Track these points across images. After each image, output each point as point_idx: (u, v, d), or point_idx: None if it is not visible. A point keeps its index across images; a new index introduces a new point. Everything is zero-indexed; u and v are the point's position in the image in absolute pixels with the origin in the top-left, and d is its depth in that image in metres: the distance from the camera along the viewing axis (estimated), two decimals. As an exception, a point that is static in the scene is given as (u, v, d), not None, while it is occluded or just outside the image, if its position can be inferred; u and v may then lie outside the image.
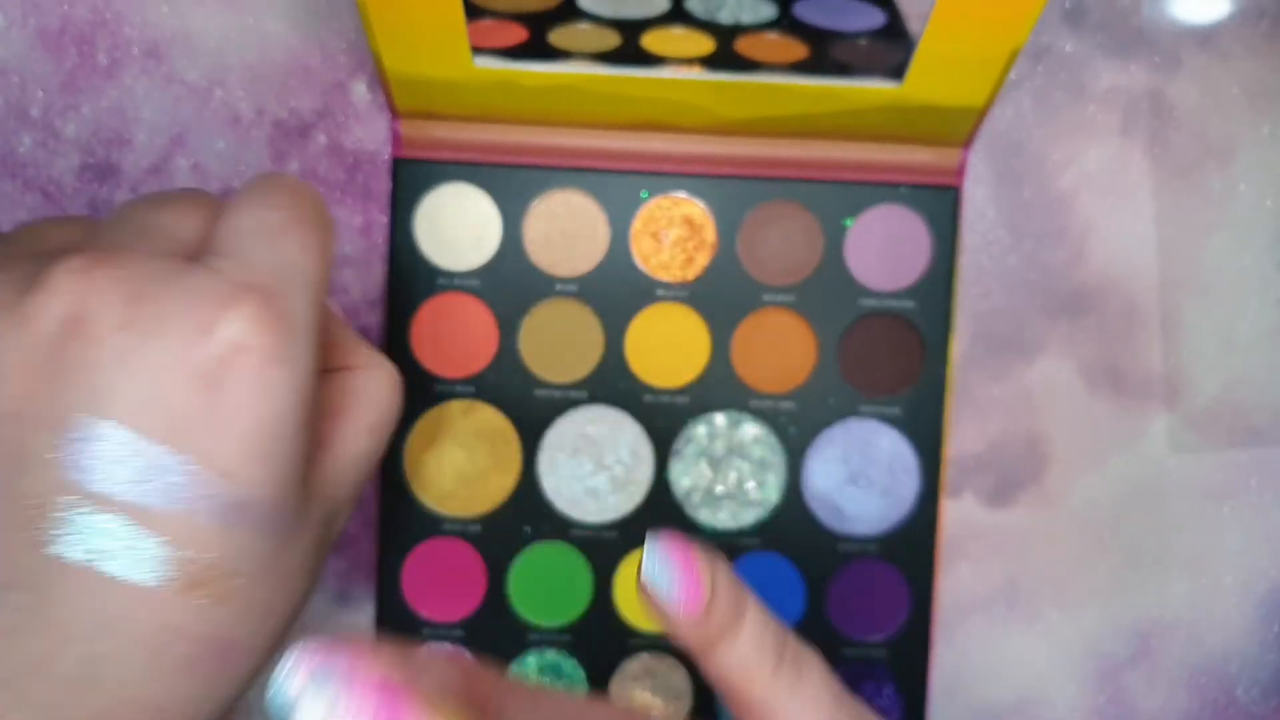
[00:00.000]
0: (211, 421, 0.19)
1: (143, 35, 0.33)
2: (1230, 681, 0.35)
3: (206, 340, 0.19)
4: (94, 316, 0.19)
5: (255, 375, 0.19)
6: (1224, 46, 0.34)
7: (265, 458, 0.19)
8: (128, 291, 0.19)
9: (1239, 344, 0.35)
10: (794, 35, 0.31)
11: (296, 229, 0.21)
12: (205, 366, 0.19)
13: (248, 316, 0.19)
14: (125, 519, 0.18)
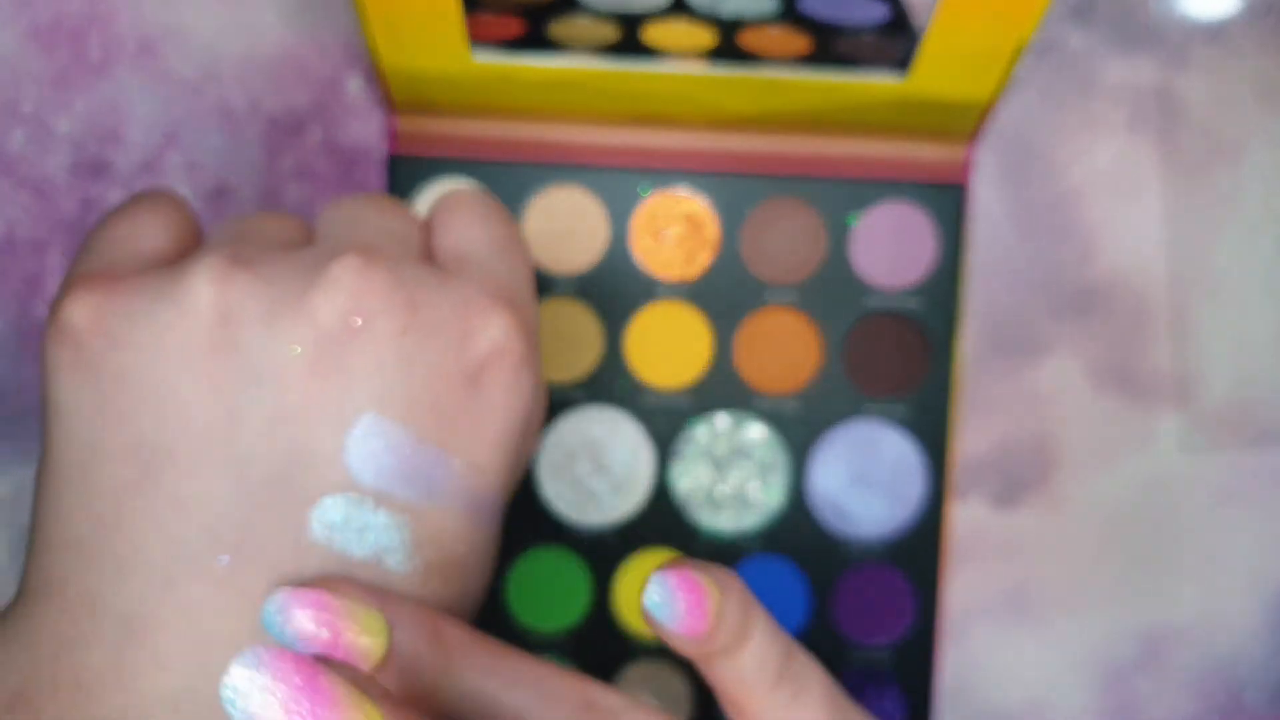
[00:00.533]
0: (472, 420, 0.20)
1: (136, 30, 0.33)
2: (1239, 686, 0.35)
3: (472, 343, 0.20)
4: (377, 317, 0.20)
5: (510, 377, 0.21)
6: (1234, 42, 0.34)
7: (507, 454, 0.21)
8: (405, 296, 0.20)
9: (1249, 343, 0.35)
10: (798, 28, 0.32)
11: (517, 245, 0.23)
12: (470, 368, 0.20)
13: (505, 323, 0.21)
14: (396, 514, 0.19)
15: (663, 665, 0.34)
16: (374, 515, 0.19)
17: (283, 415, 0.19)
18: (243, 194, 0.33)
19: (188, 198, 0.33)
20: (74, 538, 0.19)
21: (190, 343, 0.19)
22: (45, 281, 0.33)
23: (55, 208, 0.33)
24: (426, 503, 0.20)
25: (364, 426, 0.19)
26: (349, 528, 0.19)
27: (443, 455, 0.20)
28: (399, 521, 0.19)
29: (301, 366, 0.19)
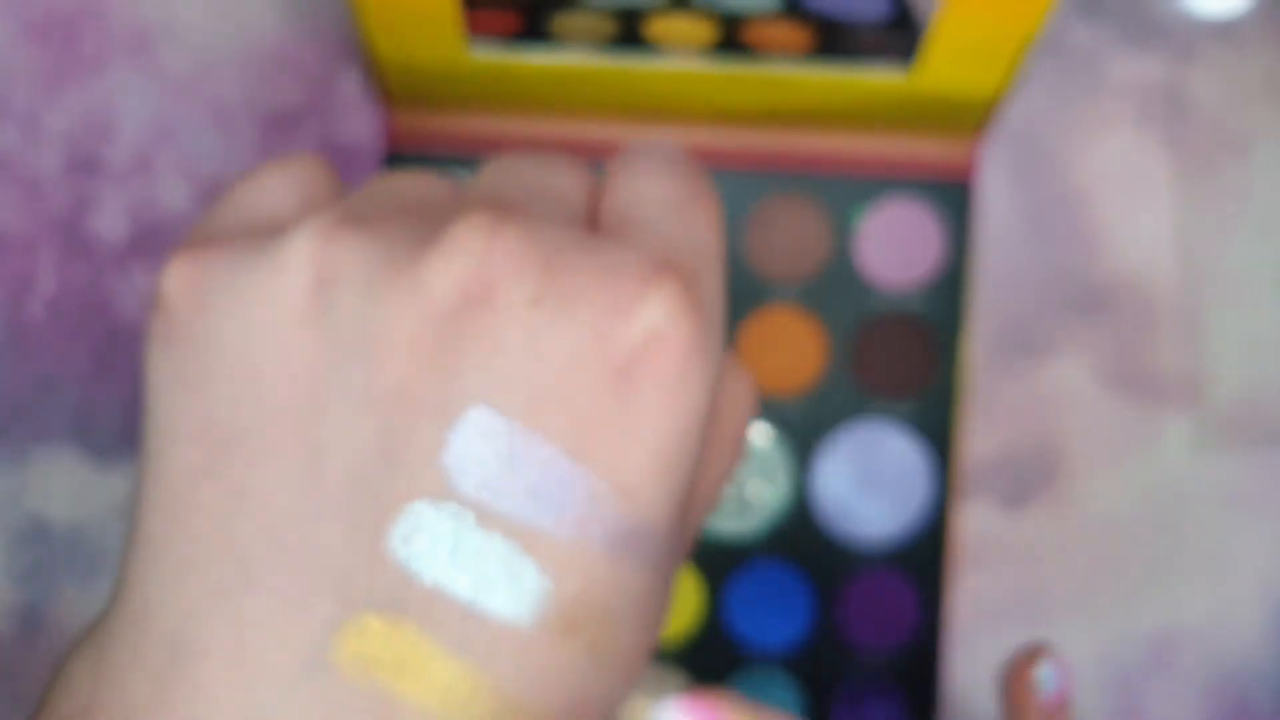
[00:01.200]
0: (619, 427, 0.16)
1: (129, 26, 0.33)
2: (1247, 690, 0.35)
3: (624, 324, 0.16)
4: (500, 286, 0.16)
5: (673, 372, 0.16)
6: (1241, 38, 0.34)
7: (669, 473, 0.16)
8: (539, 260, 0.16)
9: (1260, 343, 0.34)
10: (801, 23, 0.32)
11: (705, 202, 0.18)
12: (619, 358, 0.16)
13: (669, 300, 0.16)
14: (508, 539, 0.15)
15: (663, 667, 0.34)
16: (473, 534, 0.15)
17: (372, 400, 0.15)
18: (237, 191, 0.33)
19: (181, 197, 0.33)
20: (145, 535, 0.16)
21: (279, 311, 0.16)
22: (37, 280, 0.33)
23: (47, 205, 0.33)
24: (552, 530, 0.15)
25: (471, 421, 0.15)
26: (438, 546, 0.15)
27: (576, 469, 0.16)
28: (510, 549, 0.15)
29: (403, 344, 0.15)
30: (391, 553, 0.15)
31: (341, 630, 0.15)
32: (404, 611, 0.15)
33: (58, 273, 0.33)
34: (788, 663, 0.34)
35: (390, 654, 0.15)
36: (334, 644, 0.15)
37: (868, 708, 0.34)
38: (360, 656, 0.15)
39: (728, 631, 0.34)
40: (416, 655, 0.15)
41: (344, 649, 0.15)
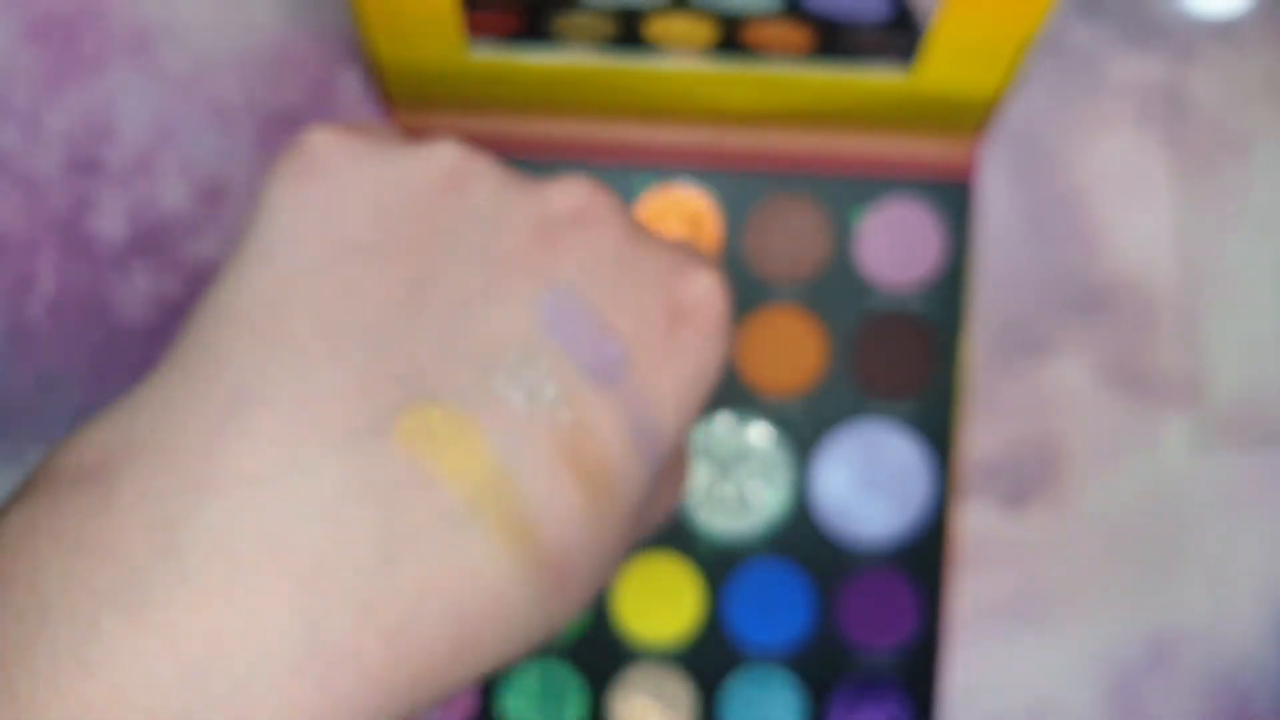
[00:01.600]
0: (663, 351, 0.20)
1: (129, 26, 0.33)
2: (1247, 690, 0.35)
3: (682, 285, 0.21)
4: (604, 218, 0.20)
5: (711, 329, 0.21)
6: (1241, 38, 0.34)
7: (684, 404, 0.20)
8: (628, 220, 0.21)
9: (1259, 343, 0.35)
10: (801, 22, 0.32)
11: None
12: (678, 304, 0.20)
13: (713, 284, 0.21)
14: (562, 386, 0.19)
15: (663, 668, 0.34)
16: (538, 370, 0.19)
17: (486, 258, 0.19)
18: (237, 191, 0.33)
19: (181, 198, 0.33)
20: (227, 308, 0.18)
21: (422, 179, 0.20)
22: (37, 280, 0.33)
23: (47, 206, 0.33)
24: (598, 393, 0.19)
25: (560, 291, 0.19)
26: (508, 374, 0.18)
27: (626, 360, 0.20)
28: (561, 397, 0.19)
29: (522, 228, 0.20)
30: (470, 363, 0.18)
31: (406, 410, 0.17)
32: (466, 408, 0.18)
33: (58, 272, 0.33)
34: (788, 662, 0.34)
35: (443, 439, 0.17)
36: (396, 420, 0.17)
37: (867, 707, 0.34)
38: (416, 435, 0.17)
39: (728, 631, 0.34)
40: (469, 445, 0.17)
41: (404, 426, 0.17)
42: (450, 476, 0.17)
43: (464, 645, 0.17)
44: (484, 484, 0.17)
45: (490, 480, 0.17)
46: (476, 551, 0.17)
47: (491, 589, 0.17)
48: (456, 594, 0.17)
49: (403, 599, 0.16)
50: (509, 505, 0.18)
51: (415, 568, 0.17)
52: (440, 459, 0.17)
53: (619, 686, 0.34)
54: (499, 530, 0.17)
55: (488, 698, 0.34)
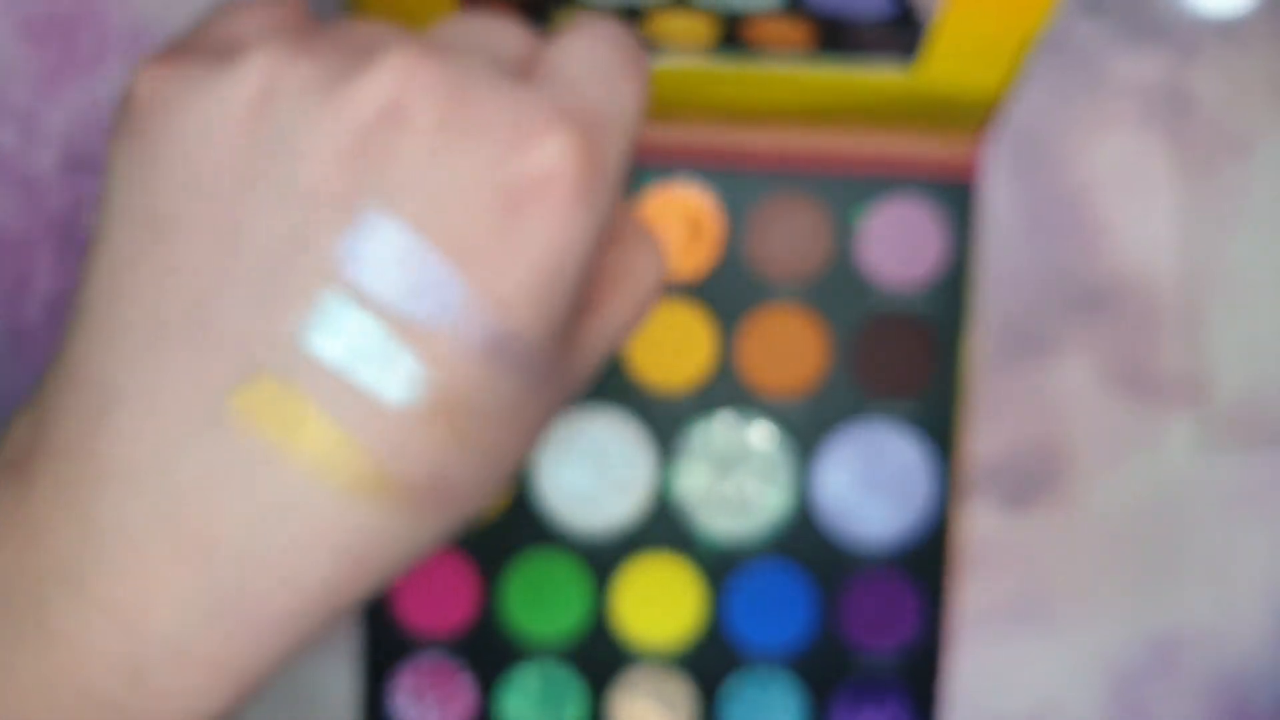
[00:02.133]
0: (502, 246, 0.18)
1: (127, 25, 0.33)
2: (1250, 692, 0.35)
3: (520, 158, 0.18)
4: (413, 108, 0.18)
5: (558, 207, 0.18)
6: (1244, 36, 0.34)
7: (543, 296, 0.19)
8: (453, 91, 0.18)
9: (1263, 342, 0.34)
10: (802, 20, 0.32)
11: (627, 70, 0.20)
12: (511, 187, 0.18)
13: (566, 145, 0.18)
14: (389, 327, 0.18)
15: (664, 670, 0.34)
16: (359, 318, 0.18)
17: (290, 196, 0.18)
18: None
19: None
20: (85, 306, 0.19)
21: (224, 114, 0.18)
22: (35, 280, 0.33)
23: (45, 205, 0.33)
24: (431, 326, 0.18)
25: (369, 222, 0.18)
26: (327, 325, 0.18)
27: (455, 274, 0.18)
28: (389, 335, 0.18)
29: (324, 150, 0.18)
30: (288, 327, 0.18)
31: (239, 389, 0.18)
32: (292, 378, 0.18)
33: (55, 272, 0.33)
34: (790, 664, 0.34)
35: (277, 412, 0.18)
36: (232, 400, 0.18)
37: (869, 709, 0.34)
38: (251, 412, 0.18)
39: (730, 633, 0.34)
40: (300, 415, 0.18)
41: (240, 405, 0.18)
42: (289, 449, 0.18)
43: (361, 572, 0.19)
44: (323, 449, 0.18)
45: (328, 444, 0.18)
46: (338, 508, 0.18)
47: (364, 528, 0.18)
48: (333, 541, 0.18)
49: (284, 557, 0.18)
50: (353, 463, 0.18)
51: (286, 530, 0.18)
52: (275, 433, 0.18)
53: (619, 688, 0.34)
54: (352, 487, 0.18)
55: (487, 698, 0.34)
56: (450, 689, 0.34)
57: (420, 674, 0.34)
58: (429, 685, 0.34)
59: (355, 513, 0.18)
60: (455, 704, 0.34)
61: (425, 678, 0.34)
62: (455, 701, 0.34)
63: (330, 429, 0.18)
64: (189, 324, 0.18)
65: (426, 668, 0.34)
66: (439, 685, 0.34)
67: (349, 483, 0.18)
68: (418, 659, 0.34)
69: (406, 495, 0.18)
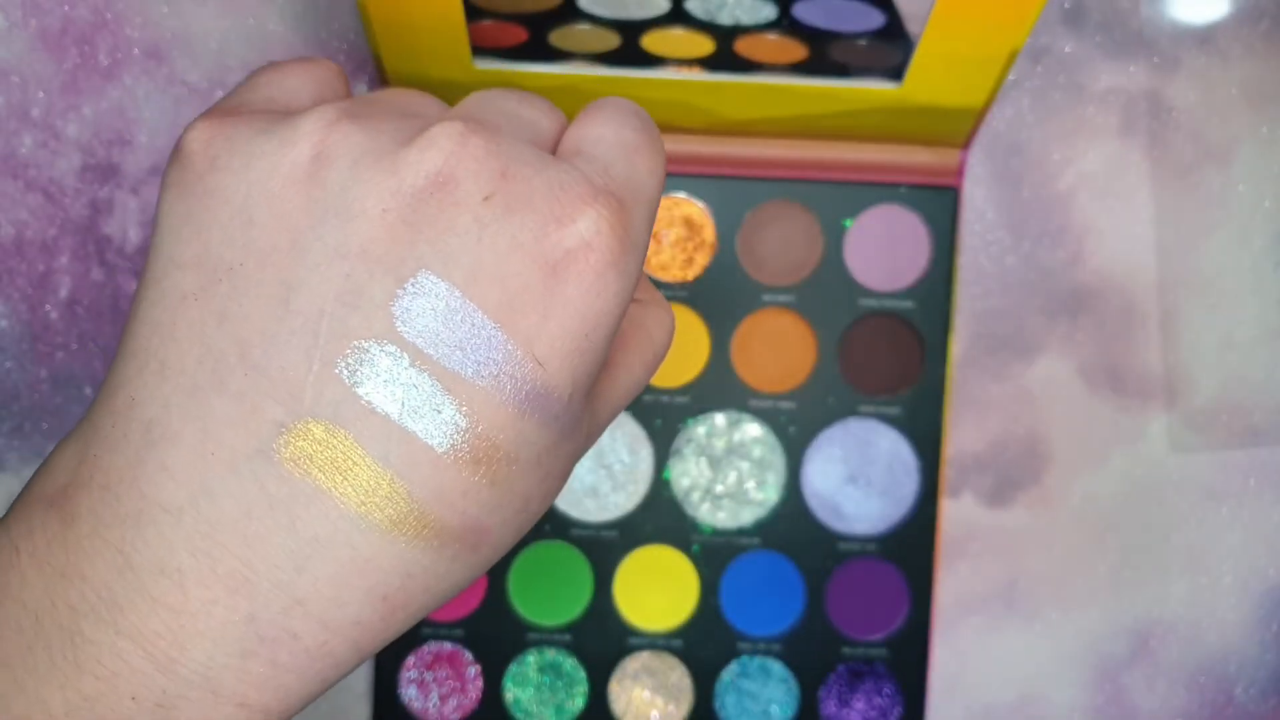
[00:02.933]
0: (543, 309, 0.19)
1: (143, 36, 0.33)
2: (1229, 681, 0.35)
3: (561, 230, 0.19)
4: (463, 179, 0.19)
5: (594, 275, 0.19)
6: (1223, 47, 0.34)
7: (576, 356, 0.19)
8: (500, 166, 0.19)
9: (1238, 344, 0.34)
10: (793, 36, 0.31)
11: (649, 151, 0.21)
12: (552, 255, 0.19)
13: (602, 218, 0.19)
14: (435, 380, 0.19)
15: (663, 658, 0.34)
16: (407, 370, 0.18)
17: (343, 254, 0.19)
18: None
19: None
20: (134, 345, 0.20)
21: (278, 171, 0.19)
22: (54, 283, 0.33)
23: (64, 210, 0.33)
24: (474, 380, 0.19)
25: (419, 282, 0.19)
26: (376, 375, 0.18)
27: (496, 332, 0.19)
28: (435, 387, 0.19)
29: (375, 212, 0.19)
30: (338, 375, 0.18)
31: (289, 431, 0.18)
32: (341, 423, 0.18)
33: (74, 275, 0.33)
34: (781, 653, 0.34)
35: (325, 455, 0.18)
36: (281, 442, 0.18)
37: (859, 697, 0.34)
38: (301, 454, 0.18)
39: (724, 621, 0.34)
40: (347, 458, 0.18)
41: (288, 446, 0.18)
42: (334, 489, 0.18)
43: (391, 612, 0.19)
44: (368, 490, 0.18)
45: (372, 486, 0.18)
46: (376, 548, 0.19)
47: (401, 570, 0.19)
48: (371, 581, 0.19)
49: (322, 594, 0.18)
50: (396, 505, 0.19)
51: (325, 568, 0.18)
52: (321, 474, 0.18)
53: (618, 675, 0.34)
54: (392, 528, 0.19)
55: (490, 687, 0.34)
56: (457, 676, 0.34)
57: (428, 661, 0.34)
58: (437, 672, 0.34)
59: (392, 553, 0.19)
60: (462, 691, 0.34)
61: (433, 665, 0.34)
62: (462, 688, 0.34)
63: (375, 471, 0.18)
64: (239, 368, 0.19)
65: (434, 655, 0.34)
66: (446, 672, 0.34)
67: (389, 524, 0.18)
68: (426, 647, 0.34)
69: (443, 537, 0.19)
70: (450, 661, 0.34)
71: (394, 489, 0.18)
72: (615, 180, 0.20)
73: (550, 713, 0.34)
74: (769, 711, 0.34)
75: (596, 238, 0.19)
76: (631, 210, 0.20)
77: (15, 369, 0.33)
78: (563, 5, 0.32)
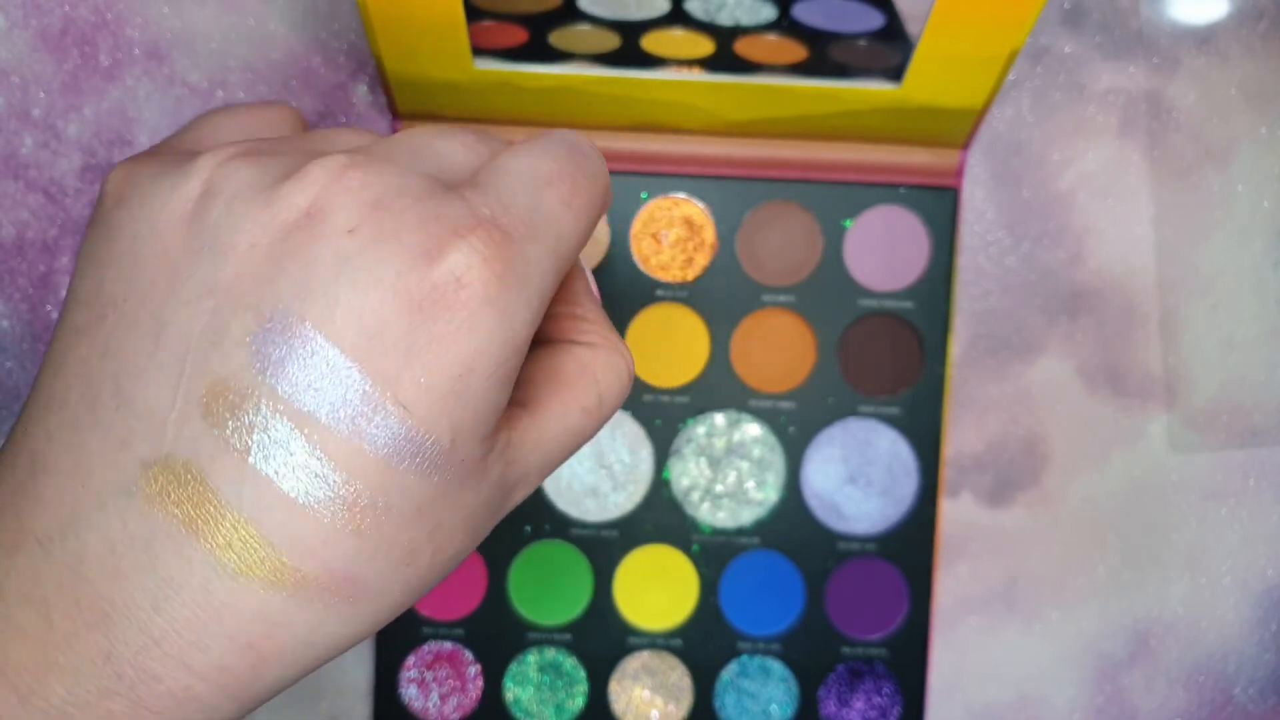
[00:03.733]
0: (405, 350, 0.18)
1: (144, 36, 0.33)
2: (1228, 681, 0.35)
3: (429, 265, 0.18)
4: (331, 214, 0.18)
5: (466, 314, 0.18)
6: (1222, 47, 0.34)
7: (452, 401, 0.18)
8: (372, 197, 0.18)
9: (1237, 344, 0.34)
10: (793, 37, 0.31)
11: (564, 184, 0.20)
12: (419, 292, 0.18)
13: (477, 252, 0.18)
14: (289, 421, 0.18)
15: (663, 657, 0.34)
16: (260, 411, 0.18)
17: (210, 290, 0.18)
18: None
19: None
20: (37, 378, 0.20)
21: (166, 209, 0.19)
22: (55, 282, 0.33)
23: (65, 210, 0.33)
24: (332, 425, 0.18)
25: (277, 320, 0.18)
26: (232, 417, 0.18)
27: (352, 372, 0.18)
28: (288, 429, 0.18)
29: (244, 247, 0.18)
30: (198, 414, 0.18)
31: (151, 468, 0.18)
32: (199, 462, 0.18)
33: None
34: (781, 652, 0.34)
35: (182, 493, 0.18)
36: (144, 479, 0.18)
37: (858, 696, 0.34)
38: (160, 492, 0.18)
39: (723, 621, 0.34)
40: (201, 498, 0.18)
41: (150, 484, 0.18)
42: (190, 529, 0.18)
43: (262, 661, 0.19)
44: (225, 534, 0.18)
45: (229, 530, 0.18)
46: (235, 594, 0.18)
47: (264, 618, 0.18)
48: (232, 627, 0.18)
49: (180, 637, 0.18)
50: (249, 549, 0.18)
51: (182, 610, 0.18)
52: (179, 512, 0.18)
53: (618, 675, 0.34)
54: (246, 572, 0.18)
55: (491, 687, 0.34)
56: (457, 676, 0.34)
57: (428, 661, 0.34)
58: (437, 672, 0.34)
59: (250, 600, 0.18)
60: (462, 690, 0.34)
61: (433, 665, 0.34)
62: (462, 688, 0.34)
63: (231, 515, 0.18)
64: (112, 403, 0.19)
65: (434, 655, 0.34)
66: (447, 672, 0.34)
67: (243, 568, 0.18)
68: (426, 646, 0.34)
69: (305, 586, 0.18)
70: (450, 661, 0.34)
71: (247, 533, 0.18)
72: (510, 212, 0.19)
73: (550, 712, 0.34)
74: (769, 711, 0.34)
75: (468, 273, 0.18)
76: (522, 244, 0.19)
77: (16, 369, 0.33)
78: (563, 5, 0.32)
